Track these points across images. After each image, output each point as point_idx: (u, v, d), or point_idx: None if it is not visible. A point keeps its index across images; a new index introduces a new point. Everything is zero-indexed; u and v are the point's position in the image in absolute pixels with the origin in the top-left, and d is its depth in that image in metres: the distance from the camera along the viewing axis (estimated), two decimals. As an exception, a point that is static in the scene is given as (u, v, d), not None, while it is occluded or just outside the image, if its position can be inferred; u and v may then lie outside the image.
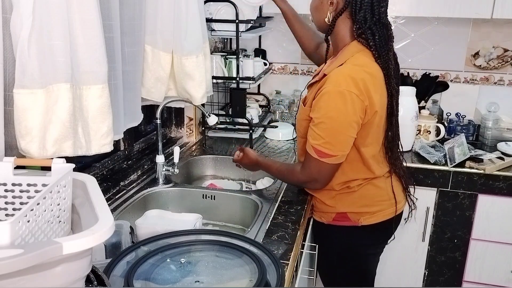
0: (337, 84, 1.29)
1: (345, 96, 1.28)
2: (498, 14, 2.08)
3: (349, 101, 1.28)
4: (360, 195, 1.47)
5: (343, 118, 1.30)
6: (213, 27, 2.05)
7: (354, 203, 1.47)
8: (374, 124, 1.37)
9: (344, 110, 1.29)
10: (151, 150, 1.89)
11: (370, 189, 1.47)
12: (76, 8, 1.00)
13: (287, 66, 2.70)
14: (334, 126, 1.31)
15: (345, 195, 1.48)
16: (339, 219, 1.50)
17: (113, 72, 1.24)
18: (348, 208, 1.48)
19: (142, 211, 1.36)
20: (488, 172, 2.01)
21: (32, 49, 0.92)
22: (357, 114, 1.30)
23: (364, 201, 1.47)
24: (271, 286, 0.95)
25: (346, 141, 1.33)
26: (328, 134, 1.32)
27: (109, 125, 1.13)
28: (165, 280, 0.97)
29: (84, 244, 0.64)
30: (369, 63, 1.35)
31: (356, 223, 1.48)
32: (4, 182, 0.82)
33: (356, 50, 1.36)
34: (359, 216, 1.47)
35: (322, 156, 1.33)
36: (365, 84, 1.30)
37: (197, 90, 1.62)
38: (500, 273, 2.19)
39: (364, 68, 1.33)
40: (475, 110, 2.51)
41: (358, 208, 1.47)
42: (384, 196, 1.50)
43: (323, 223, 1.54)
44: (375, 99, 1.32)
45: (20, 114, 0.95)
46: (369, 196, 1.48)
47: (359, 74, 1.30)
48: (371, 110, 1.33)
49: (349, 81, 1.29)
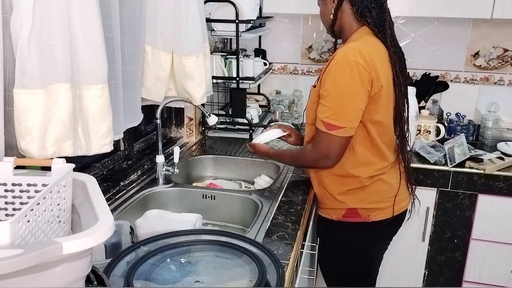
0: (345, 56, 1.34)
1: (352, 66, 1.32)
2: (498, 14, 2.08)
3: (355, 71, 1.32)
4: (371, 191, 1.48)
5: (351, 88, 1.34)
6: (213, 27, 2.05)
7: (364, 199, 1.49)
8: (381, 99, 1.40)
9: (352, 80, 1.33)
10: (151, 150, 1.89)
11: (380, 185, 1.49)
12: (76, 8, 1.00)
13: (287, 66, 2.71)
14: (342, 96, 1.35)
15: (357, 191, 1.48)
16: (349, 216, 1.51)
17: (113, 72, 1.24)
18: (359, 204, 1.49)
19: (142, 211, 1.36)
20: (488, 172, 2.01)
21: (32, 49, 0.92)
22: (364, 84, 1.34)
23: (374, 197, 1.49)
24: (271, 286, 0.95)
25: (354, 112, 1.36)
26: (336, 105, 1.35)
27: (109, 125, 1.13)
28: (165, 280, 0.97)
29: (84, 244, 0.64)
30: (375, 42, 1.43)
31: (366, 219, 1.49)
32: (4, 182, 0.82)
33: (362, 33, 1.44)
34: (369, 212, 1.49)
35: (331, 129, 1.36)
36: (372, 58, 1.35)
37: (197, 90, 1.62)
38: (500, 273, 2.19)
39: (370, 45, 1.41)
40: (475, 110, 2.51)
41: (368, 204, 1.49)
42: (393, 192, 1.52)
43: (332, 219, 1.55)
44: (380, 73, 1.37)
45: (20, 114, 0.95)
46: (380, 192, 1.50)
47: (366, 49, 1.37)
48: (377, 83, 1.36)
49: (356, 53, 1.34)
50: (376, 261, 1.66)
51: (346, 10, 1.46)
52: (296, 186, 1.68)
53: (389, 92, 1.43)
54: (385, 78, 1.39)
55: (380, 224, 1.51)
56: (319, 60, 2.65)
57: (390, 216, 1.52)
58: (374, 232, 1.54)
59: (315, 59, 2.66)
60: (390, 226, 1.57)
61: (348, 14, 1.46)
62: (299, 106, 2.61)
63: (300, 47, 2.66)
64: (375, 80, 1.35)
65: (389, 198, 1.51)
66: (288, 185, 1.68)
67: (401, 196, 1.55)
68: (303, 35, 2.63)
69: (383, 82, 1.38)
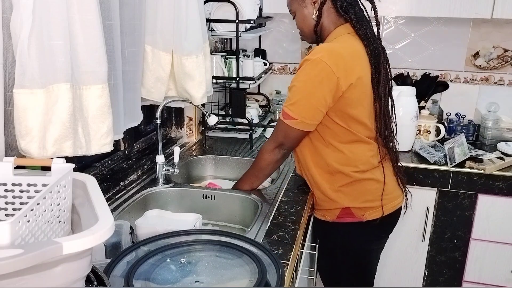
0: (314, 53, 1.38)
1: (317, 65, 1.35)
2: (498, 14, 2.08)
3: (318, 69, 1.35)
4: (363, 190, 1.49)
5: (310, 85, 1.38)
6: (213, 27, 2.05)
7: (357, 198, 1.49)
8: (354, 96, 1.40)
9: (312, 78, 1.37)
10: (151, 150, 1.89)
11: (372, 183, 1.50)
12: (76, 8, 1.00)
13: (287, 66, 2.71)
14: (301, 90, 1.39)
15: (348, 187, 1.49)
16: (343, 216, 1.51)
17: (113, 72, 1.24)
18: (352, 203, 1.50)
19: (142, 211, 1.36)
20: (488, 172, 2.01)
21: (32, 49, 0.92)
22: (323, 84, 1.36)
23: (367, 196, 1.50)
24: (271, 286, 0.95)
25: (308, 108, 1.39)
26: (294, 97, 1.40)
27: (109, 125, 1.13)
28: (165, 280, 0.97)
29: (84, 244, 0.64)
30: (351, 40, 1.44)
31: (361, 219, 1.50)
32: (4, 182, 0.82)
33: (340, 32, 1.46)
34: (363, 211, 1.50)
35: (286, 118, 1.42)
36: (341, 57, 1.37)
37: (197, 90, 1.62)
38: (500, 273, 2.19)
39: (344, 43, 1.42)
40: (475, 110, 2.51)
41: (361, 203, 1.49)
42: (386, 190, 1.52)
43: (327, 221, 1.55)
44: (351, 72, 1.38)
45: (20, 114, 0.95)
46: (372, 190, 1.50)
47: (338, 48, 1.40)
48: (345, 82, 1.37)
49: (324, 52, 1.37)
50: (373, 261, 1.67)
51: (328, 8, 1.46)
52: (296, 186, 1.67)
53: (365, 90, 1.44)
54: (357, 76, 1.39)
55: (375, 222, 1.52)
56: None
57: (384, 214, 1.52)
58: (370, 231, 1.55)
59: (315, 59, 2.65)
60: (386, 224, 1.58)
61: (331, 12, 1.47)
62: (299, 106, 2.60)
63: (300, 47, 2.66)
64: (341, 80, 1.36)
65: (381, 196, 1.52)
66: (288, 185, 1.68)
67: (393, 193, 1.55)
68: (303, 35, 2.63)
69: (353, 80, 1.38)
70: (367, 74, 1.44)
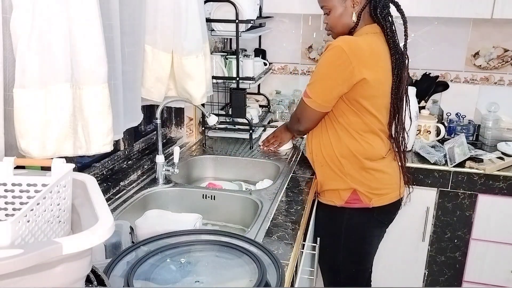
0: (336, 41, 1.48)
1: (336, 51, 1.45)
2: (498, 14, 2.08)
3: (336, 55, 1.45)
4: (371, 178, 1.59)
5: (327, 68, 1.50)
6: (213, 27, 2.05)
7: (364, 184, 1.59)
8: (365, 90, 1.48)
9: (330, 62, 1.48)
10: (151, 150, 1.89)
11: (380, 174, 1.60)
12: (76, 8, 1.00)
13: (287, 66, 2.71)
14: (319, 72, 1.53)
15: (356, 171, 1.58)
16: (351, 201, 1.60)
17: (113, 72, 1.23)
18: (360, 187, 1.59)
19: (142, 211, 1.36)
20: (488, 172, 2.01)
21: (32, 49, 0.92)
22: (340, 69, 1.47)
23: (374, 184, 1.60)
24: (271, 286, 0.95)
25: (322, 89, 1.53)
26: (313, 78, 1.55)
27: (109, 125, 1.13)
28: (165, 280, 0.97)
29: (84, 244, 0.64)
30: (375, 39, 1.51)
31: (368, 205, 1.60)
32: (4, 182, 0.82)
33: (368, 31, 1.53)
34: (370, 197, 1.59)
35: (305, 96, 1.57)
36: (360, 48, 1.44)
37: (197, 90, 1.62)
38: (500, 273, 2.19)
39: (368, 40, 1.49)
40: (475, 110, 2.51)
41: (369, 190, 1.59)
42: (391, 180, 1.63)
43: (334, 206, 1.63)
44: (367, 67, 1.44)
45: (20, 114, 0.95)
46: (380, 179, 1.60)
47: (360, 42, 1.47)
48: (359, 72, 1.44)
49: (347, 42, 1.46)
50: (372, 248, 1.76)
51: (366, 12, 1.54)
52: (296, 186, 1.67)
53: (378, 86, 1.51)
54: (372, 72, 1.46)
55: (380, 209, 1.61)
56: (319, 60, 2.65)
57: (389, 202, 1.62)
58: (374, 218, 1.64)
59: (315, 59, 2.66)
60: (388, 212, 1.67)
61: (368, 16, 1.55)
62: (299, 106, 2.61)
63: (300, 47, 2.66)
64: (356, 70, 1.44)
65: (387, 185, 1.62)
66: (288, 185, 1.68)
67: (397, 184, 1.65)
68: (303, 35, 2.63)
69: (366, 75, 1.44)
70: (386, 76, 1.52)
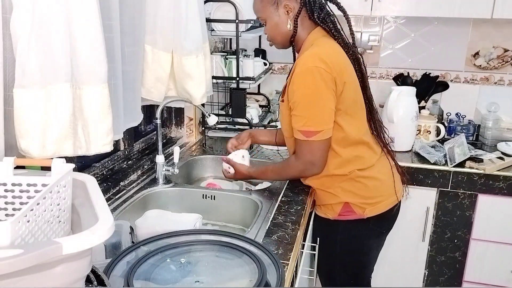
0: (304, 64, 1.37)
1: (313, 72, 1.35)
2: (498, 14, 2.08)
3: (317, 75, 1.35)
4: (362, 186, 1.51)
5: (316, 92, 1.37)
6: (213, 27, 2.05)
7: (356, 194, 1.51)
8: (347, 95, 1.42)
9: (316, 85, 1.36)
10: (151, 150, 1.89)
11: (371, 181, 1.52)
12: (76, 8, 1.00)
13: (287, 66, 2.70)
14: (311, 102, 1.38)
15: (346, 183, 1.50)
16: (344, 214, 1.53)
17: (113, 72, 1.24)
18: (352, 199, 1.51)
19: (142, 211, 1.36)
20: (488, 172, 2.01)
21: (32, 49, 0.92)
22: (329, 86, 1.37)
23: (366, 193, 1.52)
24: (271, 286, 0.95)
25: (326, 113, 1.39)
26: (308, 112, 1.38)
27: (109, 125, 1.13)
28: (165, 280, 0.97)
29: (84, 244, 0.64)
30: (328, 42, 1.45)
31: (362, 216, 1.52)
32: (4, 182, 0.82)
33: (314, 37, 1.46)
34: (363, 208, 1.52)
35: (310, 136, 1.39)
36: (330, 58, 1.38)
37: (197, 90, 1.62)
38: (500, 273, 2.19)
39: (326, 45, 1.43)
40: (475, 110, 2.51)
41: (361, 200, 1.51)
42: (384, 186, 1.55)
43: (328, 219, 1.57)
44: (342, 71, 1.40)
45: (20, 114, 0.95)
46: (371, 187, 1.52)
47: (323, 51, 1.40)
48: (340, 81, 1.39)
49: (314, 58, 1.37)
50: (371, 258, 1.69)
51: (303, 20, 1.46)
52: (296, 186, 1.67)
53: (355, 87, 1.48)
54: (347, 75, 1.42)
55: (376, 218, 1.54)
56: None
57: (384, 210, 1.54)
58: (370, 228, 1.57)
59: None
60: (385, 220, 1.60)
61: (305, 21, 1.46)
62: (299, 106, 2.60)
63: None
64: (337, 79, 1.38)
65: (380, 192, 1.54)
66: (288, 185, 1.68)
67: (391, 190, 1.57)
68: (303, 35, 2.63)
69: (346, 79, 1.40)
70: (353, 74, 1.48)
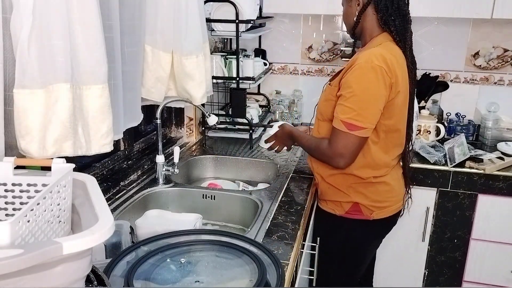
0: (369, 60, 1.39)
1: (376, 70, 1.37)
2: (498, 14, 2.08)
3: (379, 75, 1.38)
4: (374, 190, 1.53)
5: (375, 91, 1.39)
6: (213, 27, 2.05)
7: (367, 197, 1.53)
8: (396, 104, 1.44)
9: (376, 83, 1.38)
10: (151, 150, 1.89)
11: (383, 186, 1.55)
12: (76, 8, 1.00)
13: (287, 66, 2.70)
14: (366, 98, 1.39)
15: (360, 186, 1.53)
16: (352, 212, 1.55)
17: (113, 72, 1.23)
18: (362, 200, 1.53)
19: (142, 211, 1.36)
20: (488, 172, 2.01)
21: (32, 49, 0.92)
22: (386, 88, 1.39)
23: (376, 197, 1.54)
24: (271, 286, 0.95)
25: (376, 113, 1.41)
26: (360, 106, 1.39)
27: (109, 125, 1.13)
28: (165, 280, 0.97)
29: (84, 244, 0.64)
30: (394, 49, 1.46)
31: (368, 217, 1.55)
32: (4, 182, 0.82)
33: (383, 40, 1.47)
34: (371, 210, 1.54)
35: (352, 129, 1.39)
36: (393, 64, 1.40)
37: (197, 90, 1.62)
38: (500, 273, 2.19)
39: (390, 51, 1.44)
40: (475, 110, 2.51)
41: (371, 203, 1.54)
42: (393, 192, 1.58)
43: (334, 215, 1.59)
44: (399, 79, 1.42)
45: (20, 114, 0.95)
46: (382, 192, 1.55)
47: (387, 55, 1.42)
48: (395, 89, 1.41)
49: (380, 58, 1.39)
50: (367, 258, 1.73)
51: (370, 15, 1.48)
52: (296, 186, 1.68)
53: (405, 99, 1.49)
54: (402, 85, 1.44)
55: (380, 222, 1.57)
56: (319, 60, 2.65)
57: (390, 215, 1.58)
58: (373, 230, 1.60)
59: (315, 59, 2.66)
60: (388, 224, 1.63)
61: (372, 19, 1.48)
62: (299, 106, 2.61)
63: (300, 47, 2.65)
64: (394, 86, 1.40)
65: (389, 198, 1.57)
66: (288, 185, 1.68)
67: (399, 196, 1.61)
68: (303, 35, 2.63)
69: (400, 88, 1.42)
70: (407, 84, 1.49)
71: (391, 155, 1.53)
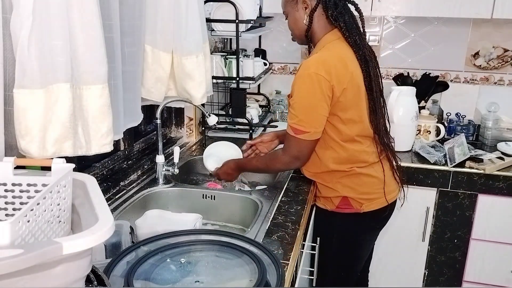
0: (306, 68, 1.45)
1: (312, 78, 1.43)
2: (498, 14, 2.08)
3: (315, 82, 1.43)
4: (360, 182, 1.57)
5: (312, 98, 1.45)
6: (213, 27, 2.05)
7: (354, 189, 1.57)
8: (348, 100, 1.48)
9: (312, 91, 1.44)
10: (151, 150, 1.89)
11: (368, 178, 1.58)
12: (76, 8, 1.00)
13: (287, 66, 2.71)
14: (305, 105, 1.47)
15: (345, 178, 1.57)
16: (342, 206, 1.59)
17: (113, 72, 1.23)
18: (350, 193, 1.58)
19: (142, 211, 1.36)
20: (488, 172, 2.01)
21: (32, 49, 0.92)
22: (324, 93, 1.44)
23: (364, 189, 1.58)
24: (271, 286, 0.95)
25: (317, 119, 1.48)
26: (301, 112, 1.47)
27: (109, 125, 1.13)
28: (165, 280, 0.97)
29: (84, 244, 0.64)
30: (341, 46, 1.51)
31: (358, 210, 1.58)
32: (4, 182, 0.82)
33: (332, 38, 1.52)
34: (360, 203, 1.58)
35: (298, 133, 1.48)
36: (335, 65, 1.44)
37: (197, 90, 1.62)
38: (500, 273, 2.19)
39: (334, 51, 1.49)
40: (475, 110, 2.51)
41: (359, 195, 1.57)
42: (381, 184, 1.60)
43: (326, 210, 1.63)
44: (343, 78, 1.45)
45: (20, 114, 0.95)
46: (368, 184, 1.58)
47: (329, 57, 1.47)
48: (339, 88, 1.45)
49: (317, 64, 1.44)
50: (364, 252, 1.75)
51: (319, 15, 1.52)
52: (296, 186, 1.68)
53: (357, 92, 1.51)
54: (348, 79, 1.46)
55: (371, 214, 1.60)
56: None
57: (380, 207, 1.60)
58: (366, 223, 1.64)
59: (315, 59, 2.65)
60: (380, 216, 1.65)
61: (321, 19, 1.53)
62: (299, 106, 2.60)
63: (300, 47, 2.65)
64: (335, 87, 1.44)
65: (377, 190, 1.60)
66: (288, 185, 1.68)
67: (389, 187, 1.62)
68: (303, 35, 2.63)
69: (345, 85, 1.45)
70: (359, 76, 1.51)
71: (364, 144, 1.56)
